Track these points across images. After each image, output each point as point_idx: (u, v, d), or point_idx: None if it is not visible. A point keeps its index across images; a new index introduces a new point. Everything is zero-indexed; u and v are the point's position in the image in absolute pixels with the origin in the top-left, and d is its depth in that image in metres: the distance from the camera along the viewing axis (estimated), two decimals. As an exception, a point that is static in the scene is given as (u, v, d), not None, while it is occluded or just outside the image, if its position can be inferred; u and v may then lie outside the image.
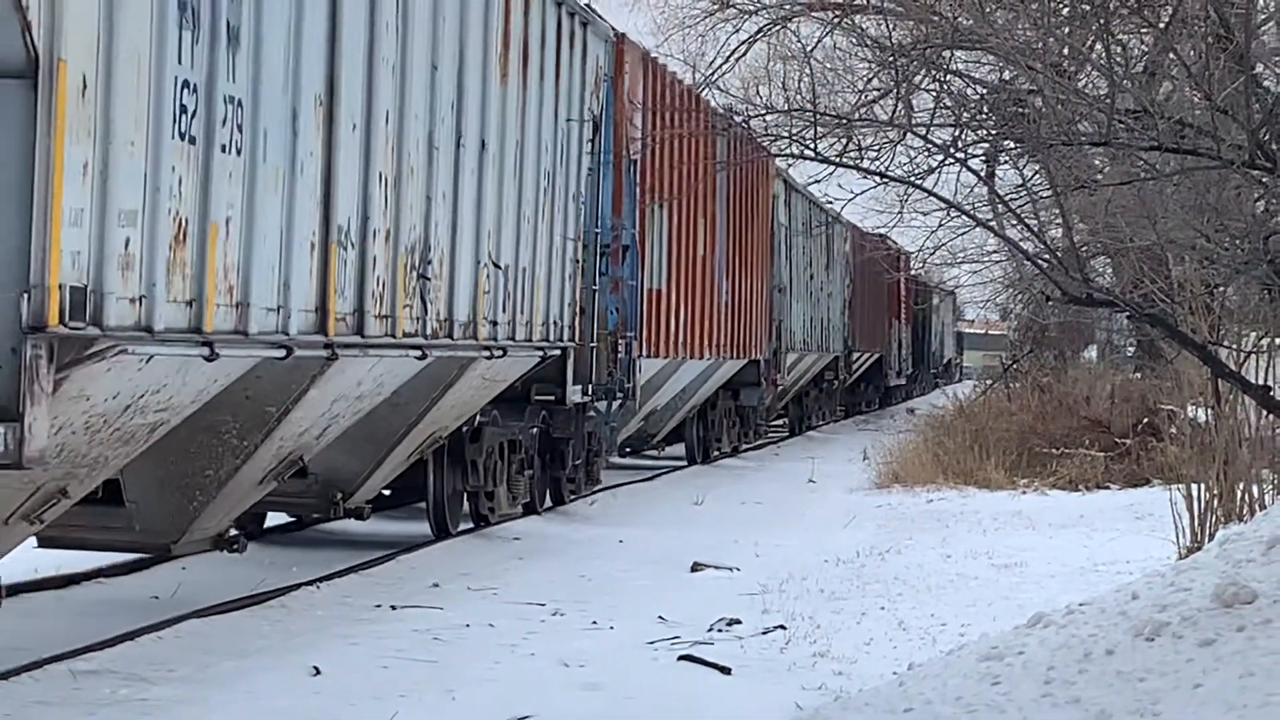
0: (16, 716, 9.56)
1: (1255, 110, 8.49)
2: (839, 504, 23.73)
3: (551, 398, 19.38)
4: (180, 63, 10.09)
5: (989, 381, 39.04)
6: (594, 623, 13.33)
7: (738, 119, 9.47)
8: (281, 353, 11.61)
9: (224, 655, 11.51)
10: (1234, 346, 15.05)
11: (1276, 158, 8.56)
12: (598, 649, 12.17)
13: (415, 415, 15.68)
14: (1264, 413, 15.73)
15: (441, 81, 14.40)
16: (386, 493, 17.97)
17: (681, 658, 11.80)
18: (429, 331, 14.45)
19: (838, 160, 9.29)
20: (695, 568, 16.62)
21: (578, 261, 19.02)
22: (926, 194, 9.49)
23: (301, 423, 13.11)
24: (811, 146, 8.96)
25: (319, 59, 12.09)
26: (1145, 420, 25.50)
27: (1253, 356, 15.67)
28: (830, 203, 35.35)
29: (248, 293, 11.10)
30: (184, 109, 10.16)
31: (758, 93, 10.61)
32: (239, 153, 10.90)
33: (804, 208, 37.21)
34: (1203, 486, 15.51)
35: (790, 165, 21.03)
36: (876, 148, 9.46)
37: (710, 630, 13.00)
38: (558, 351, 18.67)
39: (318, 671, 11.04)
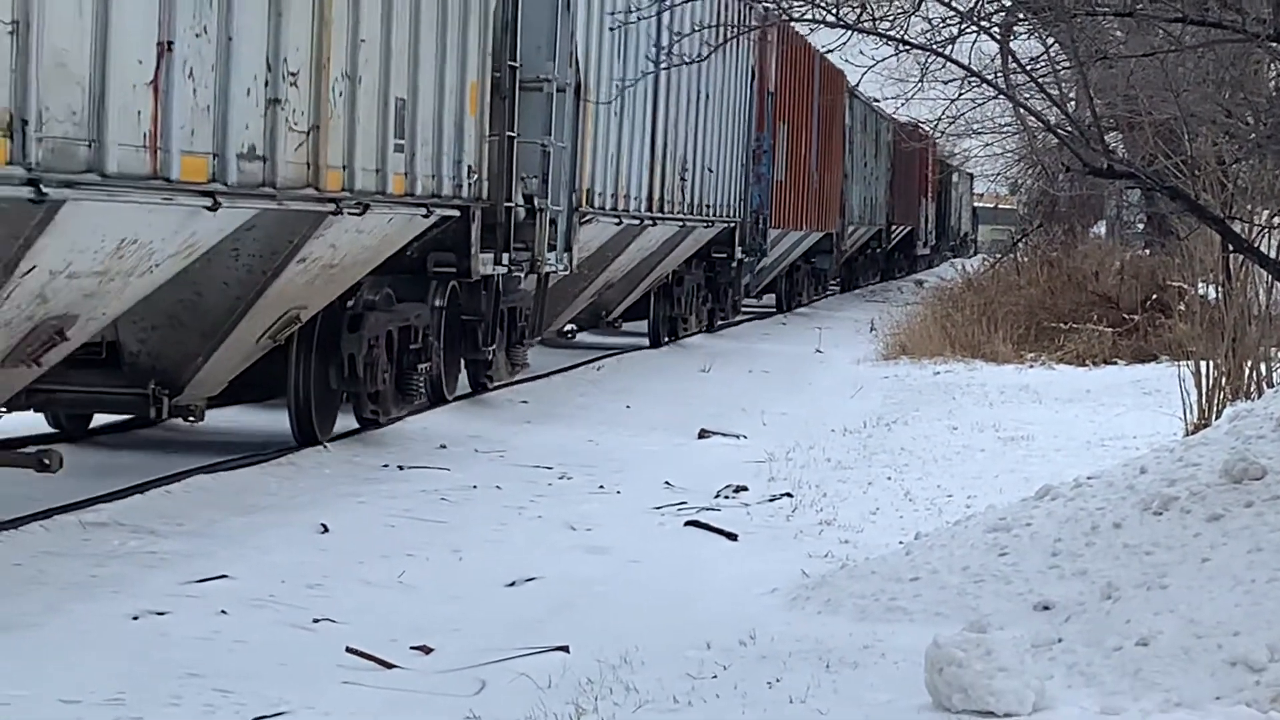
0: (26, 566, 9.58)
1: (1281, -17, 8.40)
2: (846, 374, 23.74)
3: (724, 255, 29.40)
4: (611, 74, 20.30)
5: (998, 255, 38.93)
6: (601, 487, 13.36)
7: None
8: (638, 222, 22.40)
9: (232, 511, 11.54)
10: (1248, 222, 15.01)
11: (1301, 32, 8.47)
12: (604, 513, 12.21)
13: (658, 262, 25.33)
14: (1273, 291, 15.71)
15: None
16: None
17: (688, 523, 11.83)
18: (684, 211, 25.00)
19: (856, 25, 9.19)
20: (702, 434, 16.67)
21: (743, 164, 29.60)
22: (946, 61, 9.40)
23: (623, 260, 23.20)
24: (832, 11, 8.87)
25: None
26: (1154, 296, 25.41)
27: (1265, 234, 15.64)
28: (878, 101, 42.88)
29: (629, 189, 21.81)
30: (610, 95, 20.03)
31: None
32: (619, 114, 21.17)
33: (862, 110, 45.70)
34: (1211, 363, 15.51)
35: (811, 32, 21.94)
36: (892, 16, 9.36)
37: (717, 497, 13.03)
38: (733, 223, 29.13)
39: (325, 529, 11.07)
